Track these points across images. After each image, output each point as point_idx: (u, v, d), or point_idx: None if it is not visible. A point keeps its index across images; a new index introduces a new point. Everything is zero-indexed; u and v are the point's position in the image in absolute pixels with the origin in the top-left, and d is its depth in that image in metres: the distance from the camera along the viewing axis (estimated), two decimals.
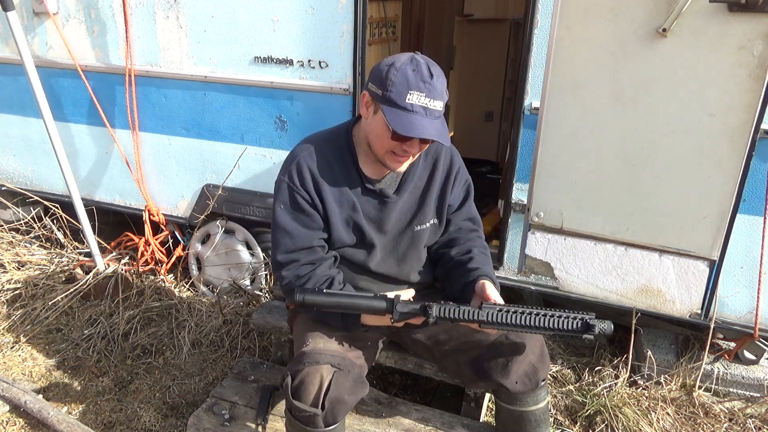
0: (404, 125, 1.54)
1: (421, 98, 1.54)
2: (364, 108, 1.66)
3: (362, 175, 1.76)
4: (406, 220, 1.84)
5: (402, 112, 1.55)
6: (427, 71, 1.55)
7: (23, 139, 3.37)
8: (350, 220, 1.78)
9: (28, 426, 2.33)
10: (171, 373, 2.64)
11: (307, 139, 1.81)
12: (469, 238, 1.91)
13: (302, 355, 1.68)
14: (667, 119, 2.15)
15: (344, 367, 1.67)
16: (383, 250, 1.85)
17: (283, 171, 1.75)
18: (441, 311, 1.58)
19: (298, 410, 1.62)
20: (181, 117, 2.95)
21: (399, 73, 1.54)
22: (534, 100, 2.33)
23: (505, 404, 1.86)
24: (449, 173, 1.85)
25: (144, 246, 3.26)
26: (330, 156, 1.75)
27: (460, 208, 1.92)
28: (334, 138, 1.78)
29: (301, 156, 1.74)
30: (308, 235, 1.75)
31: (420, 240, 1.87)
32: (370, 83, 1.61)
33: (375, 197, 1.79)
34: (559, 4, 2.15)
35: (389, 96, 1.55)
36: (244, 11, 2.62)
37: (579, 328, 1.52)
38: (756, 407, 2.38)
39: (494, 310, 1.55)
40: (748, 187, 2.17)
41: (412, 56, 1.58)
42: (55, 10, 2.97)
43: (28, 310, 2.99)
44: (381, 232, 1.83)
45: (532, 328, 1.54)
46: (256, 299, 3.04)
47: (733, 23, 1.98)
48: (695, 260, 2.31)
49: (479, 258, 1.83)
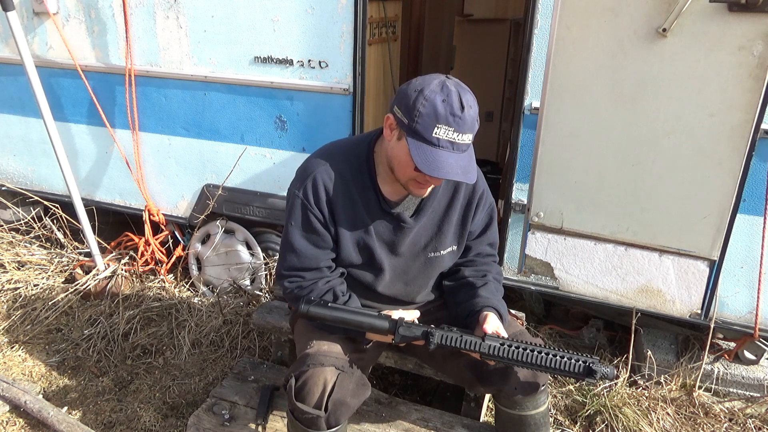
0: (429, 163, 1.46)
1: (449, 133, 1.45)
2: (388, 130, 1.57)
3: (380, 197, 1.69)
4: (421, 245, 1.79)
5: (427, 146, 1.46)
6: (458, 102, 1.44)
7: (23, 139, 3.37)
8: (362, 242, 1.74)
9: (28, 426, 2.33)
10: (171, 373, 2.63)
11: (325, 152, 1.73)
12: (485, 262, 1.86)
13: (306, 357, 1.67)
14: (667, 119, 2.15)
15: (348, 369, 1.66)
16: (392, 272, 1.81)
17: (298, 184, 1.69)
18: (443, 339, 1.58)
19: (300, 412, 1.61)
20: (181, 117, 2.95)
21: (428, 104, 1.44)
22: (534, 100, 2.33)
23: (504, 408, 1.86)
24: (471, 199, 1.77)
25: (144, 246, 3.26)
26: (348, 174, 1.68)
27: (482, 234, 1.85)
28: (354, 154, 1.70)
29: (318, 172, 1.66)
30: (316, 255, 1.71)
31: (434, 266, 1.83)
32: (396, 107, 1.52)
33: (391, 221, 1.73)
34: (559, 4, 2.15)
35: (415, 128, 1.46)
36: (244, 11, 2.62)
37: (581, 371, 1.51)
38: (756, 407, 2.38)
39: (497, 343, 1.54)
40: (748, 187, 2.17)
41: (443, 83, 1.47)
42: (55, 10, 2.97)
43: (28, 310, 2.99)
44: (393, 255, 1.78)
45: (534, 365, 1.53)
46: (256, 299, 3.04)
47: (733, 23, 1.98)
48: (695, 260, 2.31)
49: (492, 285, 1.78)
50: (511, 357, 1.53)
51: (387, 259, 1.77)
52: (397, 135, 1.54)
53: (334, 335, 1.74)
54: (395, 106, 1.53)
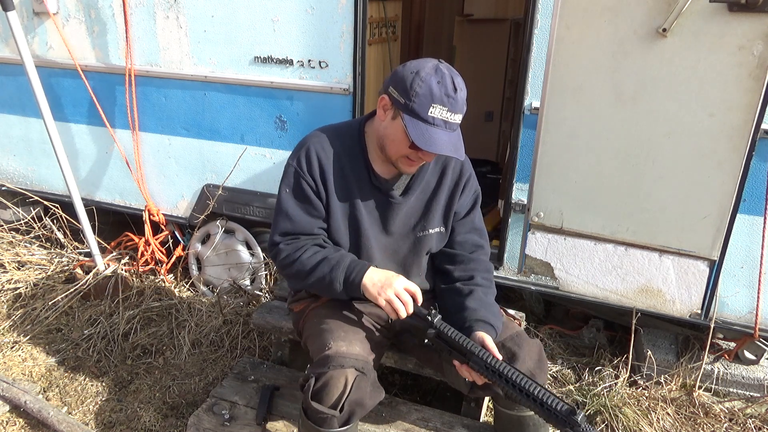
0: (425, 139, 1.55)
1: (443, 112, 1.56)
2: (381, 110, 1.66)
3: (371, 173, 1.76)
4: (411, 224, 1.83)
5: (423, 124, 1.56)
6: (451, 84, 1.55)
7: (23, 139, 3.37)
8: (351, 216, 1.78)
9: (28, 426, 2.33)
10: (171, 373, 2.63)
11: (320, 129, 1.82)
12: (472, 258, 1.87)
13: (327, 359, 1.65)
14: (667, 119, 2.15)
15: (366, 371, 1.66)
16: (382, 252, 1.84)
17: (293, 155, 1.77)
18: (443, 326, 1.61)
19: (315, 412, 1.61)
20: (181, 117, 2.95)
21: (424, 84, 1.54)
22: (534, 100, 2.33)
23: (504, 409, 1.86)
24: (458, 181, 1.84)
25: (144, 246, 3.26)
26: (340, 148, 1.76)
27: (465, 216, 1.89)
28: (347, 132, 1.79)
29: (311, 143, 1.75)
30: (309, 222, 1.76)
31: (422, 247, 1.86)
32: (392, 88, 1.60)
33: (381, 197, 1.79)
34: (559, 4, 2.15)
35: (412, 107, 1.56)
36: (244, 11, 2.62)
37: (563, 411, 1.39)
38: (756, 407, 2.38)
39: (489, 356, 1.54)
40: (748, 187, 2.17)
41: (437, 66, 1.57)
42: (55, 10, 2.97)
43: (28, 310, 2.99)
44: (383, 233, 1.82)
45: (518, 389, 1.47)
46: (256, 299, 3.04)
47: (733, 23, 1.98)
48: (695, 260, 2.31)
49: (479, 292, 1.78)
50: (500, 370, 1.50)
51: (376, 238, 1.81)
52: (392, 114, 1.63)
53: (350, 336, 1.74)
54: (391, 87, 1.61)
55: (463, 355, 1.58)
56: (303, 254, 1.73)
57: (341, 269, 1.70)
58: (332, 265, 1.70)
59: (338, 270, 1.70)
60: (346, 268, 1.70)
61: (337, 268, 1.70)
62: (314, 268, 1.71)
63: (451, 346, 1.61)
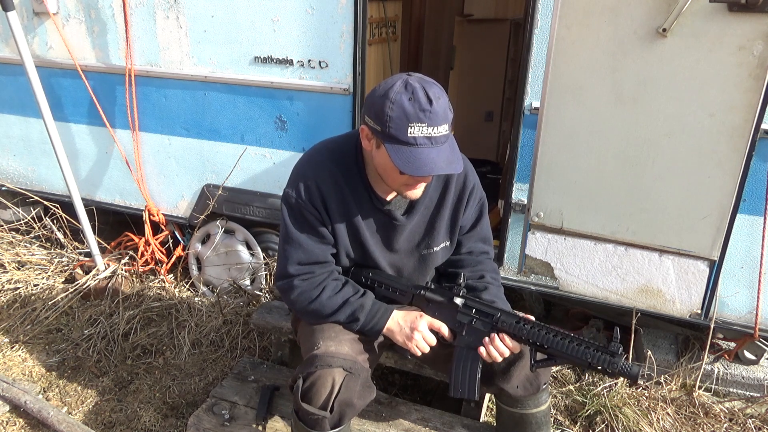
0: (411, 163, 1.45)
1: (423, 129, 1.44)
2: (366, 141, 1.58)
3: (372, 194, 1.71)
4: (415, 242, 1.81)
5: (406, 148, 1.46)
6: (424, 97, 1.44)
7: (23, 139, 3.37)
8: (356, 239, 1.75)
9: (28, 426, 2.33)
10: (171, 373, 2.63)
11: (315, 151, 1.75)
12: (479, 261, 1.86)
13: (314, 358, 1.65)
14: (667, 119, 2.15)
15: (355, 371, 1.65)
16: (389, 267, 1.82)
17: (291, 185, 1.70)
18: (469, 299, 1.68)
19: (305, 413, 1.61)
20: (181, 117, 2.95)
21: (395, 106, 1.44)
22: (534, 100, 2.33)
23: (506, 407, 1.86)
24: (461, 195, 1.78)
25: (144, 246, 3.26)
26: (338, 173, 1.68)
27: (472, 229, 1.86)
28: (341, 153, 1.71)
29: (309, 171, 1.69)
30: (322, 249, 1.72)
31: (428, 263, 1.84)
32: (367, 117, 1.52)
33: (384, 218, 1.74)
34: (559, 4, 2.15)
35: (390, 132, 1.46)
36: (244, 11, 2.62)
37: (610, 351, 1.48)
38: (756, 407, 2.38)
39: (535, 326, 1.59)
40: (748, 187, 2.17)
41: (406, 81, 1.47)
42: (55, 10, 2.97)
43: (28, 310, 2.99)
44: (388, 251, 1.80)
45: (558, 336, 1.53)
46: (256, 299, 3.04)
47: (733, 23, 1.97)
48: (695, 260, 2.31)
49: (493, 289, 1.79)
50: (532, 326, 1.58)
51: (382, 256, 1.79)
52: (375, 143, 1.55)
53: (341, 336, 1.73)
54: (366, 116, 1.53)
55: (491, 317, 1.63)
56: (322, 294, 1.69)
57: (363, 313, 1.70)
58: (354, 308, 1.69)
59: (360, 313, 1.70)
60: (368, 313, 1.70)
61: (360, 311, 1.69)
62: (335, 311, 1.70)
63: (479, 312, 1.64)
